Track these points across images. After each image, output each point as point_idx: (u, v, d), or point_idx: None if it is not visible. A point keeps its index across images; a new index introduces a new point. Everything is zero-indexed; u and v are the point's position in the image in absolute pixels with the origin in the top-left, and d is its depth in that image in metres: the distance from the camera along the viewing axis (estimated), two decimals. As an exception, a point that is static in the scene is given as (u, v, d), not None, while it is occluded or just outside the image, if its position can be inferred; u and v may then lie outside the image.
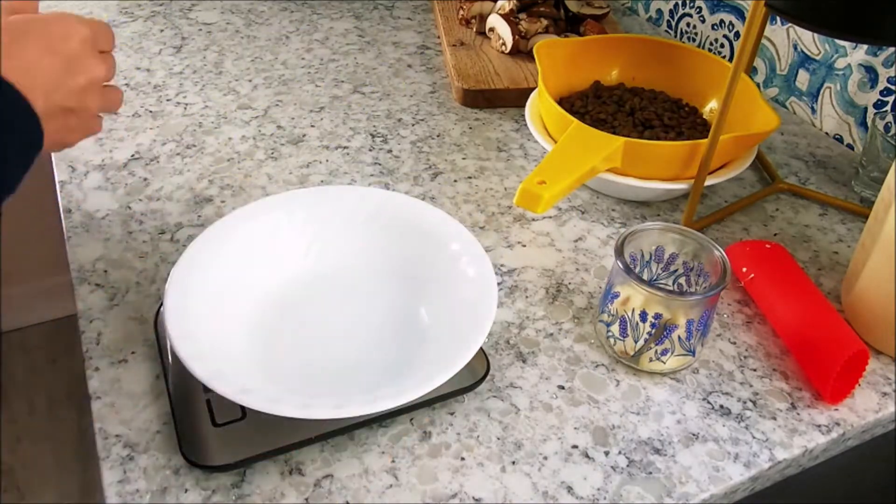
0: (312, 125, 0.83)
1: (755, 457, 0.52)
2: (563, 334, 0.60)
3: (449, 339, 0.53)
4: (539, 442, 0.52)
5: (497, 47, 0.97)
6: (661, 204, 0.76)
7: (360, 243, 0.61)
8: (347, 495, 0.48)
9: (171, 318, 0.50)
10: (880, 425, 0.56)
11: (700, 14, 1.04)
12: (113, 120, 0.81)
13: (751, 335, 0.61)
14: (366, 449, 0.51)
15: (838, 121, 0.87)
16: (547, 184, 0.62)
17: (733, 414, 0.55)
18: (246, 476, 0.48)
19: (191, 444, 0.49)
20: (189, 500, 0.47)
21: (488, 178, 0.77)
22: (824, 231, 0.73)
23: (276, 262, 0.59)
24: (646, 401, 0.55)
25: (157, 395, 0.53)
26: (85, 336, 0.57)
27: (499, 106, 0.89)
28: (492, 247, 0.68)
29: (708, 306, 0.54)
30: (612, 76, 0.86)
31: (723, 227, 0.73)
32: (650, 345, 0.55)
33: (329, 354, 0.55)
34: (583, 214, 0.73)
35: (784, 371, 0.58)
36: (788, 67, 0.92)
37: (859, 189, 0.78)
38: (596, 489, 0.49)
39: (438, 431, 0.52)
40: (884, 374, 0.59)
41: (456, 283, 0.56)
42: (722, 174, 0.71)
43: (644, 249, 0.58)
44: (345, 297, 0.59)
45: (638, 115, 0.78)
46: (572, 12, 1.01)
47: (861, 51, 0.83)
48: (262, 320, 0.56)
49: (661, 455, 0.51)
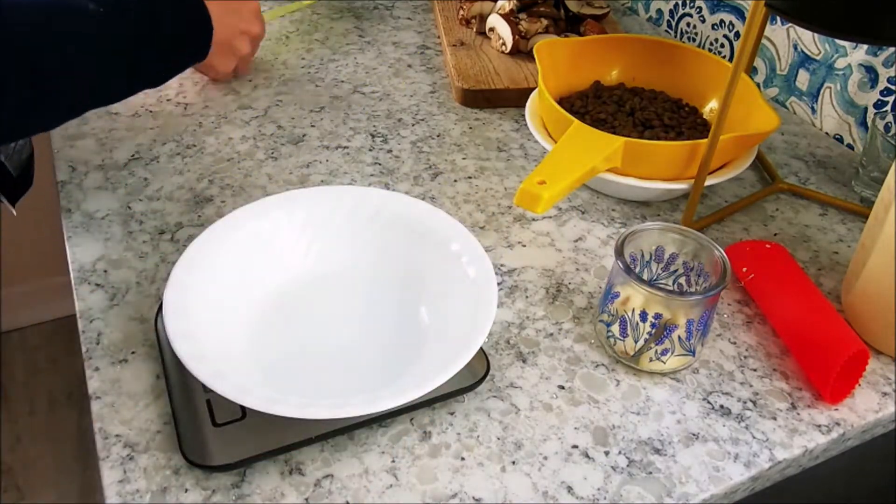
0: (312, 125, 0.83)
1: (755, 457, 0.52)
2: (563, 334, 0.60)
3: (449, 339, 0.53)
4: (539, 442, 0.52)
5: (497, 47, 0.97)
6: (661, 204, 0.76)
7: (360, 243, 0.61)
8: (347, 495, 0.48)
9: (170, 318, 0.50)
10: (880, 425, 0.56)
11: (700, 14, 1.04)
12: (113, 120, 0.81)
13: (751, 335, 0.61)
14: (366, 449, 0.51)
15: (838, 121, 0.87)
16: (547, 184, 0.62)
17: (733, 414, 0.55)
18: (246, 476, 0.48)
19: (191, 444, 0.49)
20: (189, 500, 0.47)
21: (488, 178, 0.77)
22: (824, 231, 0.73)
23: (276, 262, 0.59)
24: (646, 401, 0.55)
25: (157, 395, 0.53)
26: (85, 336, 0.57)
27: (499, 106, 0.89)
28: (492, 247, 0.68)
29: (708, 306, 0.54)
30: (612, 76, 0.86)
31: (723, 227, 0.73)
32: (650, 345, 0.55)
33: (329, 354, 0.55)
34: (583, 214, 0.73)
35: (784, 371, 0.58)
36: (788, 67, 0.92)
37: (859, 189, 0.78)
38: (596, 489, 0.49)
39: (438, 431, 0.52)
40: (884, 374, 0.59)
41: (456, 283, 0.56)
42: (722, 174, 0.71)
43: (644, 249, 0.58)
44: (345, 297, 0.60)
45: (638, 115, 0.78)
46: (572, 12, 1.01)
47: (861, 51, 0.83)
48: (262, 320, 0.56)
49: (661, 455, 0.51)
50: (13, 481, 1.51)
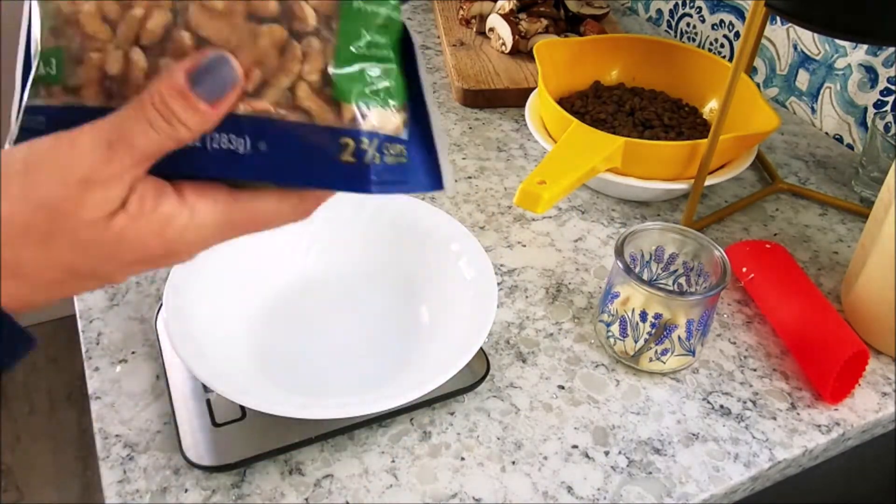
0: (312, 125, 0.83)
1: (755, 457, 0.52)
2: (563, 334, 0.60)
3: (449, 339, 0.53)
4: (539, 442, 0.52)
5: (497, 47, 0.97)
6: (661, 204, 0.76)
7: (361, 243, 0.61)
8: (347, 495, 0.48)
9: (170, 318, 0.50)
10: (880, 425, 0.56)
11: (700, 14, 1.04)
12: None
13: (751, 335, 0.61)
14: (366, 449, 0.51)
15: (838, 121, 0.87)
16: (547, 184, 0.62)
17: (733, 414, 0.55)
18: (246, 476, 0.48)
19: (191, 444, 0.49)
20: (189, 500, 0.47)
21: (488, 178, 0.77)
22: (824, 231, 0.73)
23: (276, 263, 0.59)
24: (646, 401, 0.55)
25: (157, 395, 0.53)
26: (85, 336, 0.57)
27: (499, 106, 0.89)
28: (492, 247, 0.68)
29: (708, 306, 0.54)
30: (612, 76, 0.86)
31: (723, 227, 0.73)
32: (650, 345, 0.55)
33: (329, 354, 0.55)
34: (583, 214, 0.73)
35: (784, 371, 0.58)
36: (788, 67, 0.92)
37: (859, 189, 0.78)
38: (596, 489, 0.49)
39: (438, 431, 0.52)
40: (884, 374, 0.59)
41: (456, 283, 0.56)
42: (722, 174, 0.71)
43: (644, 249, 0.58)
44: (345, 297, 0.59)
45: (638, 115, 0.78)
46: (572, 12, 1.01)
47: (861, 51, 0.83)
48: (261, 320, 0.56)
49: (661, 455, 0.51)
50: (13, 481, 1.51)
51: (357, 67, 0.30)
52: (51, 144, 0.29)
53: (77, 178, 0.29)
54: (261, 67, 0.30)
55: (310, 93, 0.30)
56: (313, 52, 0.30)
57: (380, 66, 0.31)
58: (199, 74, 0.29)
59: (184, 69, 0.29)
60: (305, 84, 0.30)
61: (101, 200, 0.29)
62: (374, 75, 0.31)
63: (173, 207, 0.30)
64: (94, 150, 0.29)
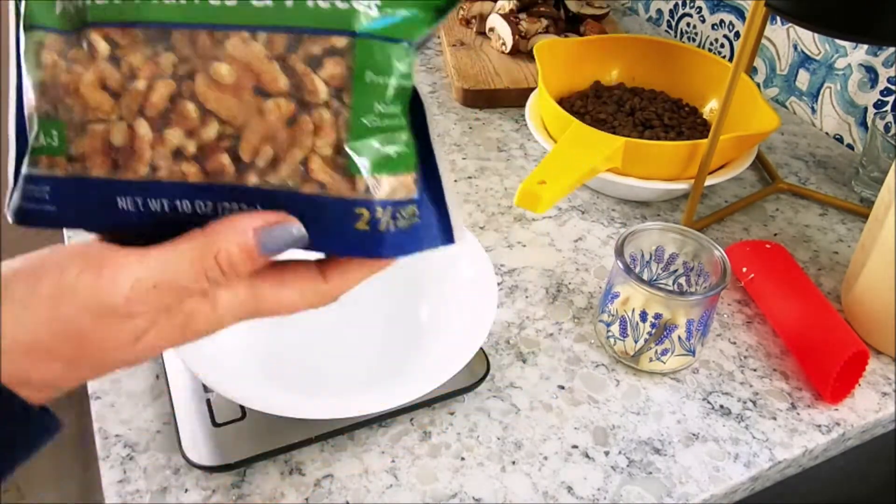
0: (312, 125, 0.83)
1: (755, 457, 0.52)
2: (563, 334, 0.60)
3: (449, 339, 0.53)
4: (539, 442, 0.52)
5: (497, 47, 0.97)
6: (661, 204, 0.76)
7: (360, 243, 0.61)
8: (347, 495, 0.48)
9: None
10: (880, 425, 0.56)
11: (700, 14, 1.04)
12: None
13: (751, 335, 0.61)
14: (366, 449, 0.51)
15: (838, 121, 0.87)
16: (547, 184, 0.62)
17: (733, 414, 0.55)
18: (246, 476, 0.48)
19: (191, 444, 0.49)
20: (189, 500, 0.47)
21: (488, 178, 0.77)
22: (824, 231, 0.73)
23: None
24: (646, 401, 0.55)
25: (157, 395, 0.53)
26: (85, 336, 0.57)
27: (499, 106, 0.89)
28: (492, 247, 0.68)
29: (708, 306, 0.54)
30: (612, 76, 0.86)
31: (723, 227, 0.73)
32: (650, 345, 0.55)
33: (329, 354, 0.55)
34: (583, 214, 0.73)
35: (784, 371, 0.58)
36: (788, 67, 0.92)
37: (859, 189, 0.78)
38: (596, 489, 0.49)
39: (438, 431, 0.52)
40: (884, 374, 0.59)
41: (456, 283, 0.56)
42: (722, 174, 0.71)
43: (644, 249, 0.58)
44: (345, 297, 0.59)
45: (638, 115, 0.78)
46: (572, 12, 1.01)
47: (861, 51, 0.83)
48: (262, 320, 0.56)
49: (661, 455, 0.51)
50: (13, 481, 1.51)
51: (371, 139, 0.29)
52: (86, 274, 0.28)
53: (110, 310, 0.28)
54: (271, 143, 0.29)
55: (323, 166, 0.29)
56: (326, 126, 0.29)
57: (393, 134, 0.30)
58: (266, 234, 0.29)
59: (253, 228, 0.28)
60: (319, 157, 0.29)
61: (131, 328, 0.29)
62: (387, 143, 0.30)
63: (195, 304, 0.30)
64: (133, 289, 0.28)
